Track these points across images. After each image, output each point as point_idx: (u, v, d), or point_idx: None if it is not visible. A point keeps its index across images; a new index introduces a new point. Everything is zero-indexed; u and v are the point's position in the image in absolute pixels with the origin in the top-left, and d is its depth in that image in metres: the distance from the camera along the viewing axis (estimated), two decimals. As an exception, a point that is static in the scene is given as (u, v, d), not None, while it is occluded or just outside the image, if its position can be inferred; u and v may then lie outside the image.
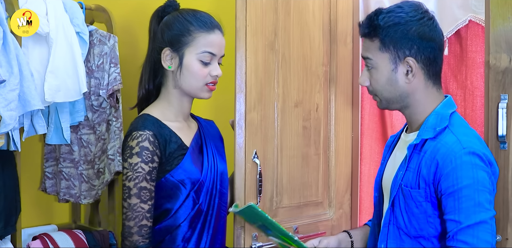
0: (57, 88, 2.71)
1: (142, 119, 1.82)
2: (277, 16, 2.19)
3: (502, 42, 2.14)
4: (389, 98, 1.74)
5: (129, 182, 1.72)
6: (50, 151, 3.08)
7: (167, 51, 1.85)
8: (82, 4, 2.92)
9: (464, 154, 1.59)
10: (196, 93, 1.85)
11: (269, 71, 2.17)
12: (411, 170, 1.68)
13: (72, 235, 2.87)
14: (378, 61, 1.72)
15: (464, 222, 1.56)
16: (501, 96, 2.15)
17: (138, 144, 1.73)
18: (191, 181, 1.79)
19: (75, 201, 3.01)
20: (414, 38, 1.68)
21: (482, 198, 1.57)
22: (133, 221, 1.69)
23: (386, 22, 1.69)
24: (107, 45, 2.92)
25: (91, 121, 2.99)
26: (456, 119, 1.72)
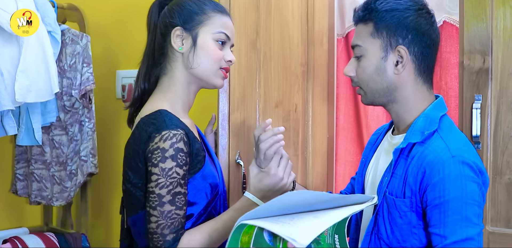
0: (28, 88, 2.47)
1: (165, 116, 1.48)
2: (259, 15, 2.02)
3: (476, 43, 2.06)
4: (375, 90, 1.52)
5: (161, 190, 1.43)
6: (21, 152, 2.83)
7: (177, 30, 1.56)
8: (54, 3, 2.69)
9: (453, 163, 1.39)
10: (209, 78, 1.56)
11: (251, 71, 1.99)
12: (397, 177, 1.48)
13: (43, 238, 2.64)
14: (368, 47, 1.51)
15: (449, 237, 1.37)
16: (475, 96, 2.07)
17: (172, 145, 1.43)
18: (212, 187, 1.54)
19: (47, 203, 2.77)
20: (410, 27, 1.49)
21: (470, 212, 1.38)
22: (168, 229, 1.43)
23: (384, 6, 1.49)
24: (79, 45, 2.68)
25: (63, 122, 2.74)
26: (446, 123, 1.52)
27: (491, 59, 2.02)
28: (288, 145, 2.19)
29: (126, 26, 2.84)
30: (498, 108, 2.02)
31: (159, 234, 1.43)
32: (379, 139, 1.66)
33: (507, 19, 2.00)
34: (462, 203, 1.37)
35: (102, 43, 2.87)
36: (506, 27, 2.00)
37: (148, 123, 1.48)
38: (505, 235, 2.02)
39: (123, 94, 2.80)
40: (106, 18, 2.89)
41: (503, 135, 2.01)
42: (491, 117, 2.03)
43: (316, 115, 2.32)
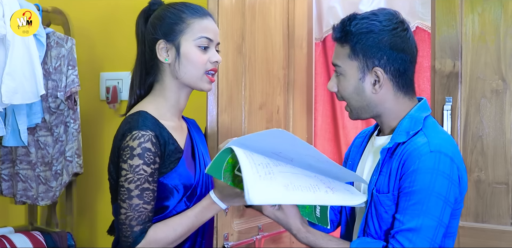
0: (14, 90, 2.51)
1: (141, 117, 1.57)
2: (244, 20, 2.10)
3: (446, 48, 2.16)
4: (357, 107, 1.58)
5: (129, 184, 1.52)
6: (6, 153, 2.85)
7: (161, 43, 1.63)
8: (39, 6, 2.72)
9: (429, 157, 1.45)
10: (196, 84, 1.63)
11: (237, 74, 2.07)
12: (383, 174, 1.54)
13: (30, 237, 2.68)
14: (346, 68, 1.56)
15: (405, 223, 1.44)
16: (446, 98, 2.17)
17: (140, 145, 1.51)
18: (185, 186, 1.62)
19: (32, 202, 2.81)
20: (385, 48, 1.52)
21: (432, 204, 1.43)
22: (136, 221, 1.52)
23: (359, 28, 1.52)
24: (64, 48, 2.73)
25: (49, 123, 2.79)
26: (430, 123, 1.57)
27: (461, 63, 2.13)
28: (271, 145, 2.28)
29: (109, 29, 2.90)
30: (467, 110, 2.13)
31: (127, 225, 1.52)
32: (364, 142, 1.72)
33: (475, 25, 2.11)
34: (427, 195, 1.43)
35: (86, 46, 2.91)
36: (475, 33, 2.11)
37: (126, 122, 1.58)
38: (474, 229, 2.13)
39: (107, 95, 2.85)
40: (90, 22, 2.94)
41: (472, 135, 2.13)
42: (461, 118, 2.14)
43: (296, 116, 2.42)
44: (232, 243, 2.05)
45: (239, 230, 2.11)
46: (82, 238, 2.98)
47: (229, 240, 2.05)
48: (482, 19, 2.09)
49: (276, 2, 2.27)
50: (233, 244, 2.05)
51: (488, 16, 2.08)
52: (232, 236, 2.06)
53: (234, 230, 2.09)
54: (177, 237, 1.57)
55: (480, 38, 2.10)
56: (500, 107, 2.07)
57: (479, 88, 2.11)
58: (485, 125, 2.10)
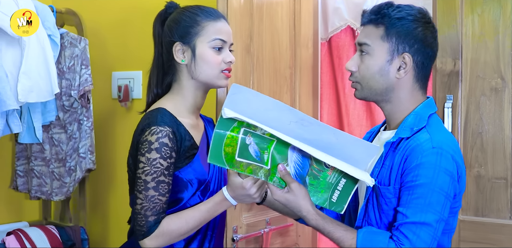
0: (30, 89, 2.60)
1: (160, 113, 1.67)
2: (252, 21, 2.18)
3: (447, 47, 2.22)
4: (374, 88, 1.61)
5: (146, 176, 1.62)
6: (22, 150, 2.95)
7: (178, 45, 1.73)
8: (53, 8, 2.81)
9: (432, 153, 1.51)
10: (213, 82, 1.73)
11: (246, 73, 2.15)
12: (386, 167, 1.60)
13: (45, 231, 2.76)
14: (376, 48, 1.60)
15: (410, 217, 1.49)
16: (447, 96, 2.23)
17: (157, 139, 1.62)
18: (198, 181, 1.71)
19: (46, 198, 2.90)
20: (417, 38, 1.58)
21: (435, 199, 1.49)
22: (150, 211, 1.61)
23: (396, 14, 1.58)
24: (78, 48, 2.82)
25: (62, 121, 2.88)
26: (434, 120, 1.63)
27: (461, 62, 2.21)
28: (278, 142, 2.36)
29: (121, 30, 2.98)
30: (467, 107, 2.21)
31: (142, 215, 1.62)
32: (371, 137, 1.79)
33: (475, 26, 2.18)
34: (429, 190, 1.48)
35: (98, 46, 3.00)
36: (475, 33, 2.19)
37: (145, 118, 1.69)
38: (474, 222, 2.21)
39: (119, 94, 2.94)
40: (102, 22, 3.03)
41: (472, 132, 2.20)
42: (461, 116, 2.21)
43: (302, 113, 2.50)
44: (241, 235, 2.13)
45: (248, 223, 2.19)
46: (94, 232, 3.07)
47: (238, 232, 2.13)
48: (482, 19, 2.16)
49: (283, 4, 2.36)
50: (242, 237, 2.14)
51: (488, 17, 2.15)
52: (241, 229, 2.15)
53: (243, 223, 2.17)
54: (189, 229, 1.66)
55: (480, 38, 2.17)
56: (499, 105, 2.14)
57: (479, 86, 2.18)
58: (485, 122, 2.17)
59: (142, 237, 1.63)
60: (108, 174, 3.03)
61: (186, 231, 1.66)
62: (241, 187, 1.61)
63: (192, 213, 1.66)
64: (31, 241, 2.66)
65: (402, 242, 1.48)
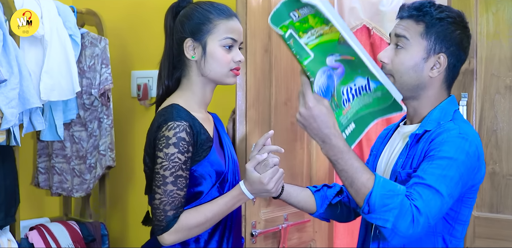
0: (51, 88, 2.68)
1: (174, 109, 1.69)
2: (270, 21, 2.22)
3: None
4: (406, 84, 1.63)
5: (165, 171, 1.64)
6: (43, 147, 3.03)
7: (189, 41, 1.75)
8: (74, 8, 2.89)
9: (458, 137, 1.53)
10: (222, 80, 1.77)
11: (264, 71, 2.20)
12: (410, 157, 1.61)
13: (67, 226, 2.84)
14: (414, 43, 1.61)
15: (426, 179, 1.46)
16: (461, 94, 2.27)
17: (175, 134, 1.63)
18: (217, 173, 1.75)
19: (67, 194, 2.98)
20: (455, 41, 1.62)
21: (451, 174, 1.48)
22: (169, 206, 1.64)
23: (438, 14, 1.60)
24: (98, 47, 2.90)
25: (83, 119, 2.96)
26: (459, 115, 1.67)
27: (476, 60, 2.24)
28: (295, 139, 2.42)
29: (140, 30, 3.06)
30: (482, 105, 2.24)
31: (161, 209, 1.64)
32: (389, 134, 1.82)
33: (490, 24, 2.22)
34: (448, 164, 1.48)
35: (118, 46, 3.08)
36: (489, 32, 2.22)
37: (160, 114, 1.71)
38: (489, 219, 2.24)
39: (138, 93, 3.02)
40: (121, 22, 3.10)
41: (487, 129, 2.24)
42: (476, 113, 2.25)
43: (319, 111, 2.55)
44: (259, 230, 2.19)
45: (266, 218, 2.25)
46: (114, 228, 3.15)
47: (256, 228, 2.19)
48: (497, 18, 2.20)
49: (300, 3, 2.41)
50: (260, 232, 2.19)
51: (502, 16, 2.19)
52: (259, 224, 2.21)
53: (261, 218, 2.23)
54: (207, 223, 1.70)
55: (495, 36, 2.20)
56: (514, 103, 2.18)
57: (493, 84, 2.21)
58: (499, 119, 2.21)
59: (161, 232, 1.65)
60: (127, 171, 3.11)
61: (204, 225, 1.69)
62: (258, 182, 1.66)
63: (210, 207, 1.70)
64: (53, 236, 2.74)
65: (414, 197, 1.45)
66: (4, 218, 2.48)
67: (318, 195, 1.90)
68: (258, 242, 2.21)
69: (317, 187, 1.93)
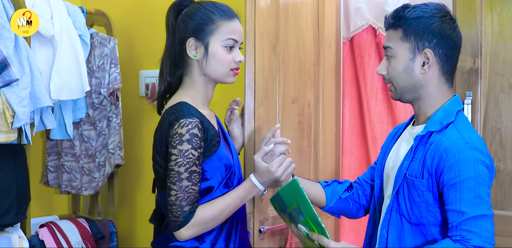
0: (61, 87, 2.75)
1: (184, 107, 1.76)
2: (278, 21, 2.29)
3: (467, 46, 2.29)
4: (404, 87, 1.73)
5: (179, 168, 1.70)
6: (52, 146, 3.09)
7: (191, 41, 1.81)
8: (83, 9, 2.95)
9: (467, 148, 1.61)
10: (222, 79, 1.84)
11: (272, 71, 2.26)
12: (417, 161, 1.68)
13: (76, 223, 2.91)
14: (398, 49, 1.72)
15: (468, 212, 1.56)
16: (466, 93, 2.31)
17: (188, 131, 1.70)
18: (226, 166, 1.82)
19: (76, 192, 3.04)
20: (435, 32, 1.69)
21: (482, 190, 1.58)
22: (185, 201, 1.70)
23: (411, 14, 1.70)
24: (107, 47, 2.96)
25: (92, 118, 3.02)
26: (461, 117, 1.73)
27: (481, 60, 2.29)
28: (302, 137, 2.48)
29: (148, 30, 3.12)
30: (486, 104, 2.29)
31: (177, 205, 1.70)
32: (399, 132, 1.89)
33: (494, 24, 2.27)
34: (475, 182, 1.58)
35: (126, 46, 3.14)
36: (494, 32, 2.27)
37: (170, 113, 1.77)
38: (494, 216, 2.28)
39: (146, 92, 3.08)
40: (129, 23, 3.16)
41: (491, 127, 2.29)
42: (481, 112, 2.30)
43: (325, 110, 2.61)
44: (267, 227, 2.25)
45: (273, 215, 2.30)
46: (122, 226, 3.21)
47: (264, 224, 2.25)
48: (501, 18, 2.24)
49: (307, 3, 2.47)
50: (268, 228, 2.25)
51: (507, 16, 2.23)
52: (267, 221, 2.26)
53: (269, 215, 2.28)
54: (222, 216, 1.77)
55: (499, 36, 2.25)
56: (518, 101, 2.23)
57: (497, 83, 2.25)
58: (504, 118, 2.25)
59: (178, 227, 1.70)
60: (136, 170, 3.17)
61: (219, 218, 1.76)
62: (267, 171, 1.75)
63: (224, 201, 1.76)
64: (63, 233, 2.80)
65: (467, 238, 1.55)
66: (16, 215, 2.54)
67: (328, 190, 1.96)
68: (266, 238, 2.27)
69: (327, 182, 2.00)
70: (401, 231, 1.72)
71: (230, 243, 1.84)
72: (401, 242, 1.73)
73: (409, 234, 1.71)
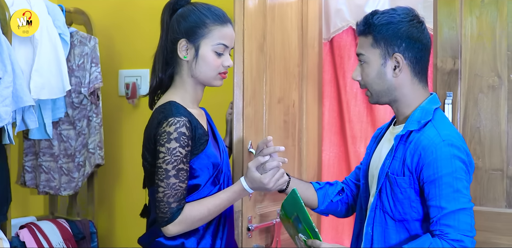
0: (41, 86, 2.76)
1: (173, 106, 1.82)
2: (265, 22, 2.35)
3: (448, 47, 2.39)
4: (379, 91, 1.82)
5: (167, 165, 1.77)
6: (29, 146, 3.09)
7: (183, 42, 1.87)
8: (62, 7, 2.95)
9: (444, 145, 1.69)
10: (210, 82, 1.91)
11: (260, 70, 2.32)
12: (397, 159, 1.76)
13: (57, 224, 2.91)
14: (369, 56, 1.80)
15: (448, 207, 1.65)
16: (447, 93, 2.40)
17: (176, 129, 1.76)
18: (213, 164, 1.88)
19: (54, 193, 3.04)
20: (403, 36, 1.77)
21: (460, 185, 1.68)
22: (173, 198, 1.77)
23: (380, 21, 1.78)
24: (87, 46, 2.97)
25: (71, 117, 3.03)
26: (438, 115, 1.81)
27: (461, 61, 2.38)
28: (287, 136, 2.55)
29: (128, 29, 3.14)
30: (466, 104, 2.39)
31: (165, 202, 1.77)
32: (381, 133, 1.98)
33: (473, 27, 2.37)
34: (453, 178, 1.67)
35: (105, 45, 3.15)
36: (473, 35, 2.37)
37: (159, 111, 1.83)
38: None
39: (127, 91, 3.10)
40: (108, 22, 3.18)
41: (471, 126, 2.39)
42: (461, 111, 2.39)
43: (309, 110, 2.69)
44: (255, 225, 2.31)
45: (261, 213, 2.37)
46: (101, 226, 3.22)
47: (252, 222, 2.31)
48: (480, 21, 2.35)
49: (292, 5, 2.54)
50: (256, 226, 2.32)
51: (485, 19, 2.34)
52: (255, 219, 2.32)
53: (256, 213, 2.35)
54: (209, 216, 1.84)
55: (478, 38, 2.35)
56: (496, 101, 2.33)
57: (477, 84, 2.35)
58: (482, 117, 2.36)
59: (166, 224, 1.78)
60: (115, 169, 3.19)
61: (207, 217, 1.83)
62: (260, 182, 1.84)
63: (213, 201, 1.84)
64: (44, 234, 2.80)
65: (445, 232, 1.65)
66: (-4, 216, 2.54)
67: (320, 193, 2.06)
68: (253, 236, 2.33)
69: (320, 184, 2.08)
70: (385, 228, 1.80)
71: (217, 239, 1.92)
72: (385, 238, 1.81)
73: (393, 230, 1.79)
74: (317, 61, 2.77)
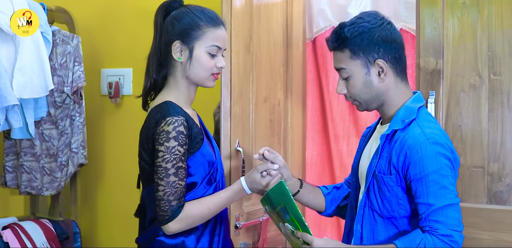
0: (24, 85, 2.75)
1: (170, 106, 1.87)
2: (252, 22, 2.39)
3: (430, 48, 2.45)
4: (368, 99, 1.85)
5: (167, 164, 1.81)
6: (10, 146, 3.08)
7: (177, 43, 1.91)
8: (44, 5, 2.95)
9: (428, 144, 1.74)
10: (203, 82, 1.96)
11: (246, 70, 2.37)
12: (384, 158, 1.81)
13: (40, 224, 2.91)
14: (351, 68, 1.82)
15: (435, 204, 1.70)
16: (429, 92, 2.46)
17: (174, 129, 1.81)
18: (209, 163, 1.93)
19: (37, 193, 3.04)
20: (379, 42, 1.80)
21: (446, 181, 1.73)
22: (173, 196, 1.81)
23: (352, 33, 1.80)
24: (70, 45, 2.98)
25: (54, 117, 3.03)
26: (422, 113, 1.85)
27: (443, 61, 2.45)
28: (273, 135, 2.59)
29: (110, 27, 3.15)
30: (448, 103, 2.45)
31: (165, 200, 1.82)
32: (369, 132, 2.03)
33: (455, 28, 2.44)
34: (439, 175, 1.72)
35: (87, 44, 3.16)
36: (455, 35, 2.44)
37: (156, 111, 1.88)
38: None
39: (109, 91, 3.11)
40: (90, 20, 3.18)
41: (453, 125, 2.46)
42: (443, 110, 2.46)
43: (294, 109, 2.74)
44: (243, 223, 2.35)
45: (248, 211, 2.41)
46: (84, 226, 3.22)
47: (240, 220, 2.35)
48: (461, 22, 2.42)
49: (277, 6, 2.59)
50: (244, 224, 2.36)
51: (467, 20, 2.41)
52: (242, 217, 2.37)
53: (244, 211, 2.39)
54: (209, 214, 1.89)
55: (460, 39, 2.42)
56: (477, 100, 2.40)
57: (458, 84, 2.42)
58: (464, 116, 2.43)
59: (167, 222, 1.82)
60: (98, 169, 3.19)
61: (207, 215, 1.88)
62: (259, 184, 1.92)
63: (213, 200, 1.89)
64: (28, 234, 2.80)
65: (435, 228, 1.70)
66: (-20, 217, 2.53)
67: (328, 198, 2.12)
68: (240, 234, 2.37)
69: (327, 188, 2.14)
70: (374, 225, 1.85)
71: (215, 235, 1.96)
72: (374, 235, 1.86)
73: (382, 227, 1.85)
74: (301, 61, 2.82)
